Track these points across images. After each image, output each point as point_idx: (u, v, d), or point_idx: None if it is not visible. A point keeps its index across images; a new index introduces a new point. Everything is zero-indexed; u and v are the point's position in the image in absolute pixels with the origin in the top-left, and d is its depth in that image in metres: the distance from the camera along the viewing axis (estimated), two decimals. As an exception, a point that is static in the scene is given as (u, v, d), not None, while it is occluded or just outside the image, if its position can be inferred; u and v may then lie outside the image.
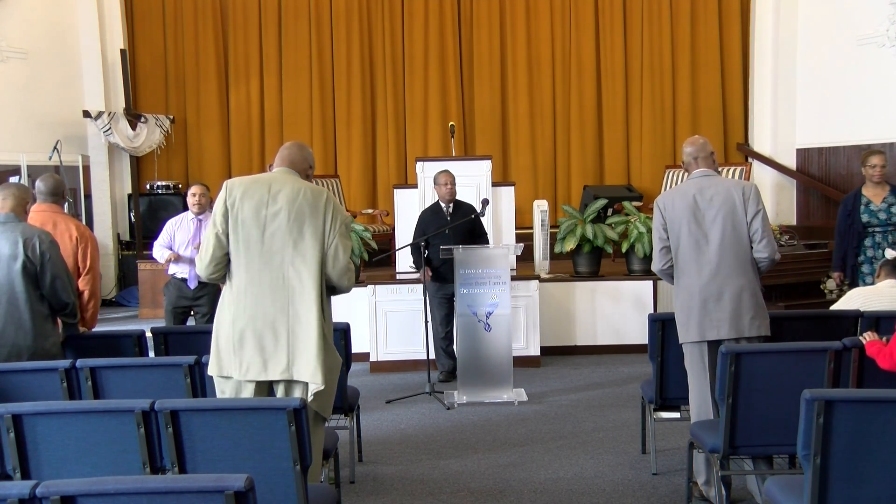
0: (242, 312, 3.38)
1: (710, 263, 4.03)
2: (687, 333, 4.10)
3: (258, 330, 3.36)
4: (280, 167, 3.54)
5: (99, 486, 2.17)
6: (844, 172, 9.71)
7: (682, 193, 4.14)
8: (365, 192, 11.03)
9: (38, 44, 9.93)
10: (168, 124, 10.74)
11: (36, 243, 4.15)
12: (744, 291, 4.02)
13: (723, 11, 10.91)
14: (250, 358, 3.36)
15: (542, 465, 4.79)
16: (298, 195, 3.40)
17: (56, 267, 4.22)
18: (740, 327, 4.01)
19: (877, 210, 6.01)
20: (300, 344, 3.36)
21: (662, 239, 4.15)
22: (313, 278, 3.37)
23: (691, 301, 4.06)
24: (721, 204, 4.04)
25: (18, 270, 4.12)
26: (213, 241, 3.41)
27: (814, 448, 2.72)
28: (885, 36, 9.13)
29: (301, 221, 3.38)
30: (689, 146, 4.26)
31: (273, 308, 3.37)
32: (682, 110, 10.98)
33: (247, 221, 3.38)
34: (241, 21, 11.06)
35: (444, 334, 6.70)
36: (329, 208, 3.42)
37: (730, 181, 4.24)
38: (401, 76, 11.11)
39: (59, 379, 3.69)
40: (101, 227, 10.34)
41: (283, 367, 3.36)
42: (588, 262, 7.75)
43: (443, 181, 6.65)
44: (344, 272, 3.42)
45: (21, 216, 4.29)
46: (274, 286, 3.37)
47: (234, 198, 3.40)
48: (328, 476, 3.87)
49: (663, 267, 4.18)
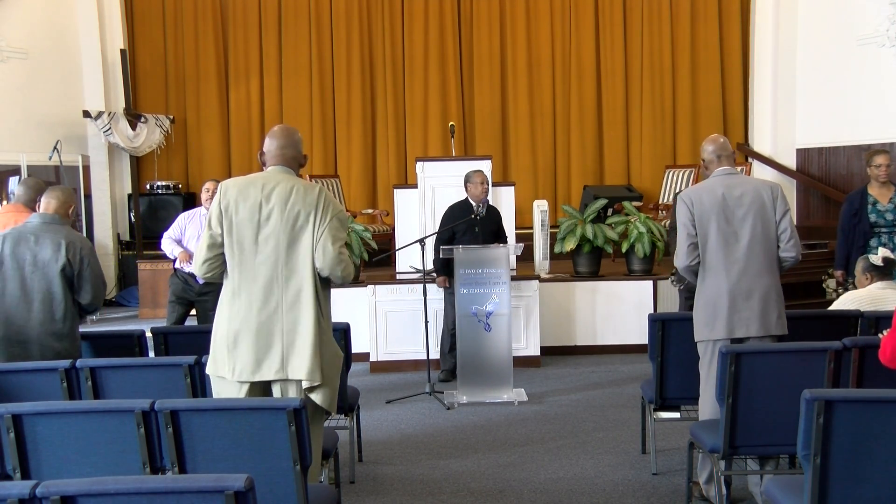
0: (237, 313, 3.39)
1: (739, 262, 4.00)
2: (712, 331, 4.03)
3: (252, 330, 3.36)
4: (273, 166, 3.52)
5: (99, 486, 2.17)
6: (844, 172, 9.71)
7: (709, 190, 4.08)
8: (365, 192, 11.03)
9: (38, 44, 9.92)
10: (168, 124, 10.74)
11: (78, 247, 4.29)
12: (771, 290, 4.02)
13: (723, 11, 10.91)
14: (244, 358, 3.36)
15: (542, 465, 4.79)
16: (291, 194, 3.40)
17: (94, 273, 4.35)
18: (768, 325, 4.01)
19: (884, 210, 5.99)
20: (296, 342, 3.36)
21: (692, 235, 4.06)
22: (308, 276, 3.38)
23: (719, 299, 4.01)
24: (751, 202, 4.02)
25: (57, 272, 4.24)
26: (208, 241, 3.43)
27: (814, 448, 2.72)
28: (885, 36, 9.12)
29: (294, 220, 3.38)
30: (711, 144, 4.21)
31: (267, 308, 3.37)
32: (682, 110, 10.98)
33: (241, 223, 3.38)
34: (241, 21, 11.06)
35: (454, 332, 6.70)
36: (321, 203, 3.41)
37: (756, 180, 4.23)
38: (401, 76, 11.11)
39: (59, 379, 3.69)
40: (101, 227, 10.34)
41: (277, 366, 3.36)
42: (588, 262, 7.75)
43: (478, 180, 6.66)
44: (335, 263, 3.38)
45: (64, 219, 4.42)
46: (268, 286, 3.38)
47: (227, 200, 3.41)
48: (328, 476, 3.87)
49: (691, 263, 4.08)
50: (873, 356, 3.57)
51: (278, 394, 3.40)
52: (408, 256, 7.19)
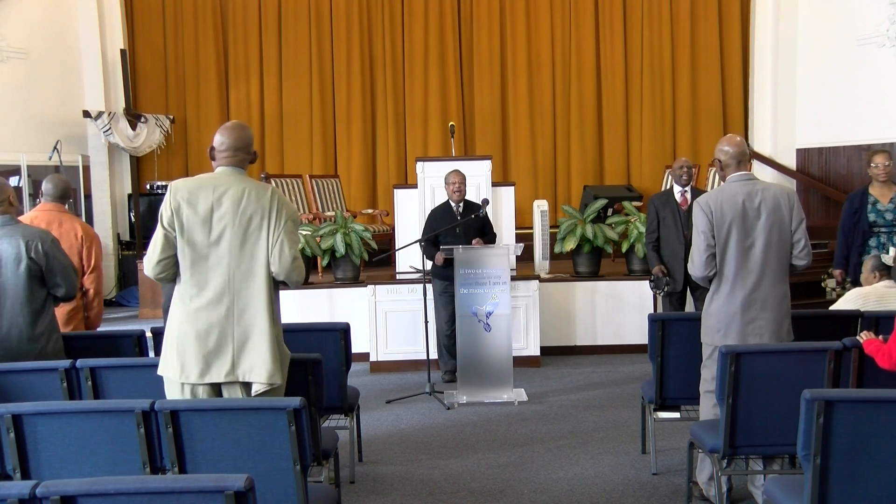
0: (188, 315, 3.35)
1: (755, 271, 3.97)
2: (724, 338, 3.99)
3: (202, 332, 3.32)
4: (223, 167, 3.45)
5: (99, 486, 2.17)
6: (844, 172, 9.71)
7: (729, 199, 4.00)
8: (365, 192, 11.03)
9: (38, 44, 9.93)
10: (168, 124, 10.74)
11: (38, 244, 4.16)
12: (784, 299, 4.01)
13: (723, 11, 10.92)
14: (192, 361, 3.32)
15: (542, 465, 4.79)
16: (243, 196, 3.36)
17: (62, 264, 4.24)
18: (780, 334, 4.00)
19: (884, 210, 5.97)
20: (247, 345, 3.33)
21: (710, 246, 3.98)
22: (261, 279, 3.35)
23: (733, 307, 3.98)
24: (770, 212, 3.97)
25: (24, 273, 4.14)
26: (161, 241, 3.36)
27: (814, 448, 2.72)
28: (885, 36, 9.13)
29: (247, 223, 3.35)
30: (730, 146, 4.07)
31: (218, 310, 3.34)
32: (682, 110, 10.98)
33: (192, 225, 3.34)
34: (241, 21, 11.07)
35: (449, 333, 6.69)
36: (274, 206, 3.38)
37: (774, 187, 4.11)
38: (401, 76, 11.11)
39: (59, 379, 3.69)
40: (101, 227, 10.33)
41: (227, 368, 3.33)
42: (588, 262, 7.75)
43: (451, 180, 6.67)
44: (290, 267, 3.36)
45: (11, 213, 4.27)
46: (220, 289, 3.34)
47: (178, 201, 3.35)
48: (328, 476, 3.87)
49: (709, 274, 4.01)
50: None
51: (227, 396, 3.38)
52: (408, 256, 7.20)
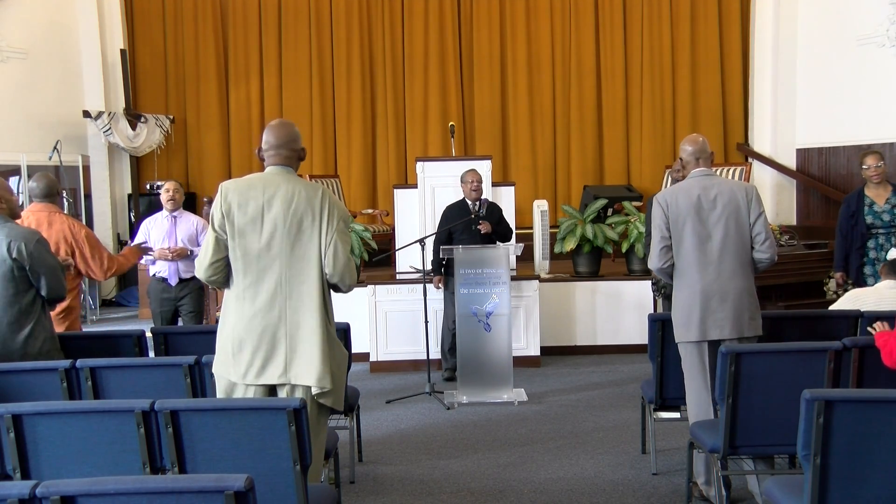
0: (241, 318, 3.36)
1: (713, 263, 4.03)
2: (687, 333, 4.08)
3: (256, 334, 3.33)
4: (273, 166, 3.46)
5: (99, 486, 2.16)
6: (844, 172, 9.71)
7: (685, 192, 4.11)
8: (365, 192, 11.04)
9: (38, 44, 9.93)
10: (168, 124, 10.74)
11: (21, 244, 4.02)
12: (744, 292, 4.04)
13: (723, 11, 10.92)
14: (248, 362, 3.34)
15: (542, 465, 4.79)
16: (294, 196, 3.35)
17: (47, 264, 4.11)
18: (741, 327, 4.03)
19: (880, 211, 5.96)
20: (299, 348, 3.33)
21: (665, 238, 4.11)
22: (313, 280, 3.34)
23: (693, 300, 4.05)
24: (725, 204, 4.05)
25: (6, 274, 4.04)
26: (213, 244, 3.37)
27: (814, 448, 2.72)
28: (885, 36, 9.13)
29: (298, 223, 3.33)
30: (690, 145, 4.23)
31: (271, 313, 3.33)
32: (682, 110, 10.98)
33: (243, 227, 3.33)
34: (241, 21, 11.07)
35: (454, 331, 6.69)
36: (325, 206, 3.36)
37: (732, 182, 4.23)
38: (401, 76, 11.11)
39: (59, 379, 3.68)
40: (101, 227, 10.35)
41: (280, 371, 3.33)
42: (588, 262, 7.75)
43: (469, 179, 6.67)
44: (344, 270, 3.35)
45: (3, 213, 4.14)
46: (273, 291, 3.33)
47: (228, 203, 3.35)
48: (328, 476, 3.87)
49: (664, 266, 4.13)
50: (873, 356, 3.58)
51: (283, 396, 3.39)
52: (408, 256, 7.19)
